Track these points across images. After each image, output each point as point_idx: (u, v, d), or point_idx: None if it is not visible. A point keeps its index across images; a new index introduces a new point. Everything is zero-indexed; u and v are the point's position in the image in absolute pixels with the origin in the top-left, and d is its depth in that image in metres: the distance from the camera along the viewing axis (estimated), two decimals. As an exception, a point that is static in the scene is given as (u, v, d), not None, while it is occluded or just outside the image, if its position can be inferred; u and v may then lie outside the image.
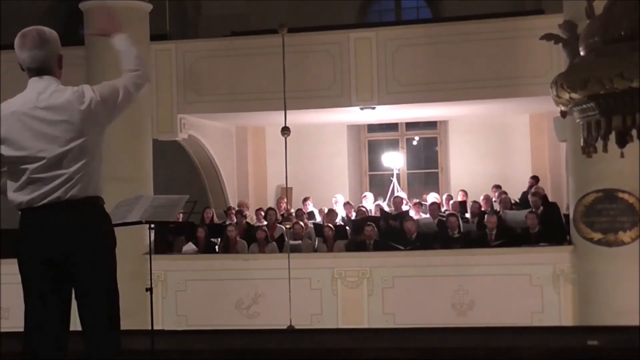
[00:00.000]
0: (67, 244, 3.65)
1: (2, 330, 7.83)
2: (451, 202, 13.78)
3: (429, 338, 7.30)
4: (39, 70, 3.73)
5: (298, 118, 13.05)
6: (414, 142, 16.59)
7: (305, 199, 14.29)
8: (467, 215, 13.04)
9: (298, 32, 12.72)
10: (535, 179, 13.78)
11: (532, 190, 13.05)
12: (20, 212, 3.72)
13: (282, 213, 13.74)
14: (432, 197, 13.96)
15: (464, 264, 11.55)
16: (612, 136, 4.15)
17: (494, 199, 13.32)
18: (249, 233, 12.72)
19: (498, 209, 12.73)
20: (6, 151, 3.65)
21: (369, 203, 14.13)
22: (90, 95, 3.70)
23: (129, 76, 3.90)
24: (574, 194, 11.12)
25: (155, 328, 6.72)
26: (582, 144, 4.24)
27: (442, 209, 13.39)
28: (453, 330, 8.95)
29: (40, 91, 3.70)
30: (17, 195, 3.69)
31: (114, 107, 3.79)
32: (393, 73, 12.59)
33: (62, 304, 3.72)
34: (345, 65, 12.74)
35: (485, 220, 11.83)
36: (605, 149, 4.14)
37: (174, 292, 12.17)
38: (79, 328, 3.76)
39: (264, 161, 15.99)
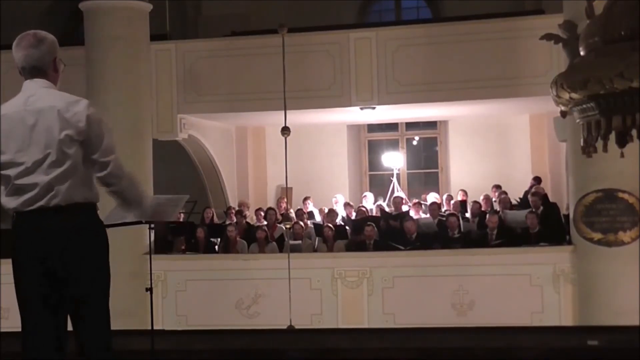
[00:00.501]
0: (59, 248, 3.65)
1: (2, 330, 7.83)
2: (452, 202, 13.77)
3: (429, 338, 7.29)
4: (32, 69, 3.72)
5: (298, 118, 13.05)
6: (414, 142, 16.59)
7: (306, 199, 14.28)
8: (468, 215, 13.03)
9: (298, 32, 12.72)
10: (537, 179, 13.77)
11: (533, 190, 13.05)
12: (13, 217, 3.73)
13: (282, 213, 13.74)
14: (432, 197, 13.96)
15: (464, 264, 11.55)
16: (612, 136, 4.14)
17: (493, 199, 13.32)
18: (249, 233, 12.72)
19: (498, 209, 12.74)
20: None
21: (369, 203, 14.13)
22: (77, 110, 3.64)
23: (123, 174, 3.74)
24: (574, 194, 11.12)
25: (155, 328, 6.71)
26: (582, 144, 4.24)
27: (442, 209, 13.39)
28: (453, 330, 8.94)
29: (30, 94, 3.69)
30: (7, 201, 3.70)
31: (87, 147, 3.66)
32: (393, 73, 12.59)
33: (60, 305, 3.72)
34: (345, 65, 12.73)
35: (487, 219, 11.84)
36: (605, 149, 4.13)
37: (174, 292, 12.16)
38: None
39: (264, 161, 15.99)
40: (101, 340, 3.74)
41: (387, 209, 13.72)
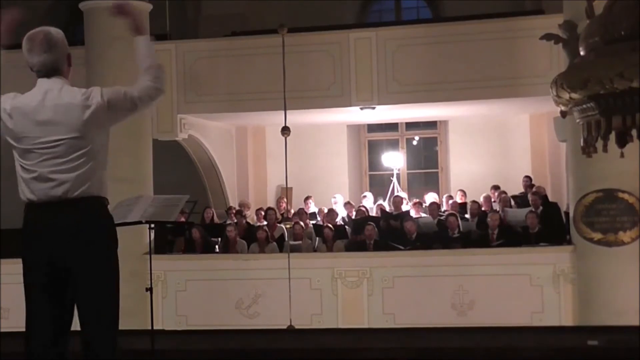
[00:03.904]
0: (64, 243, 3.66)
1: (2, 330, 7.83)
2: (450, 202, 13.75)
3: (429, 338, 7.30)
4: (49, 71, 3.77)
5: (298, 118, 13.05)
6: (414, 142, 16.58)
7: (307, 198, 14.29)
8: (467, 215, 13.02)
9: (298, 32, 12.71)
10: (528, 178, 13.75)
11: (533, 189, 13.05)
12: (24, 208, 3.74)
13: (282, 213, 13.74)
14: (431, 197, 13.96)
15: (464, 264, 11.55)
16: (612, 136, 4.14)
17: (493, 200, 13.32)
18: (249, 233, 12.72)
19: (498, 209, 12.74)
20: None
21: (369, 203, 14.13)
22: (97, 100, 3.71)
23: (145, 87, 3.85)
24: (574, 194, 11.12)
25: (155, 328, 6.71)
26: (582, 144, 4.24)
27: (442, 209, 13.39)
28: (453, 330, 8.95)
29: (47, 90, 3.74)
30: (23, 191, 3.74)
31: (117, 113, 3.79)
32: (393, 73, 12.59)
33: (64, 300, 3.72)
34: (345, 65, 12.73)
35: (489, 218, 11.84)
36: (605, 149, 4.13)
37: (174, 292, 12.16)
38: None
39: (264, 161, 15.99)
40: (105, 340, 3.72)
41: (387, 209, 13.72)
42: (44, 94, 3.72)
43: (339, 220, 13.17)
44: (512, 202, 13.13)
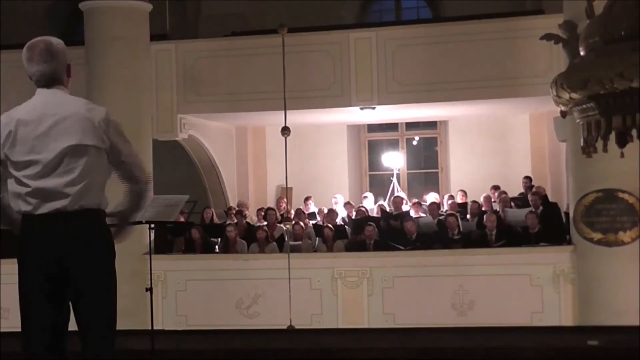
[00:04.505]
0: (68, 253, 3.64)
1: (2, 330, 7.84)
2: (450, 202, 13.73)
3: (429, 338, 7.31)
4: (48, 81, 3.74)
5: (298, 118, 13.05)
6: (414, 142, 16.59)
7: (307, 198, 14.28)
8: (468, 215, 13.02)
9: (298, 32, 12.71)
10: (528, 179, 13.75)
11: (533, 190, 13.05)
12: (21, 218, 3.71)
13: (282, 213, 13.74)
14: (431, 197, 13.95)
15: (464, 264, 11.55)
16: (612, 136, 4.14)
17: (493, 200, 13.32)
18: (249, 233, 12.72)
19: (498, 209, 12.74)
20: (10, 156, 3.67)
21: (370, 203, 14.12)
22: (101, 117, 3.70)
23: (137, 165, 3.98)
24: (574, 194, 11.12)
25: (155, 328, 6.72)
26: (582, 144, 4.24)
27: (442, 209, 13.38)
28: (453, 330, 8.95)
29: (48, 100, 3.71)
30: (18, 204, 3.69)
31: (115, 148, 3.81)
32: (393, 73, 12.59)
33: (63, 307, 3.72)
34: (345, 65, 12.73)
35: (485, 219, 11.83)
36: (605, 149, 4.13)
37: (174, 292, 12.16)
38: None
39: (264, 161, 15.98)
40: (106, 340, 3.73)
41: (387, 209, 13.72)
42: (45, 104, 3.68)
43: (339, 221, 13.17)
44: (512, 204, 13.13)
